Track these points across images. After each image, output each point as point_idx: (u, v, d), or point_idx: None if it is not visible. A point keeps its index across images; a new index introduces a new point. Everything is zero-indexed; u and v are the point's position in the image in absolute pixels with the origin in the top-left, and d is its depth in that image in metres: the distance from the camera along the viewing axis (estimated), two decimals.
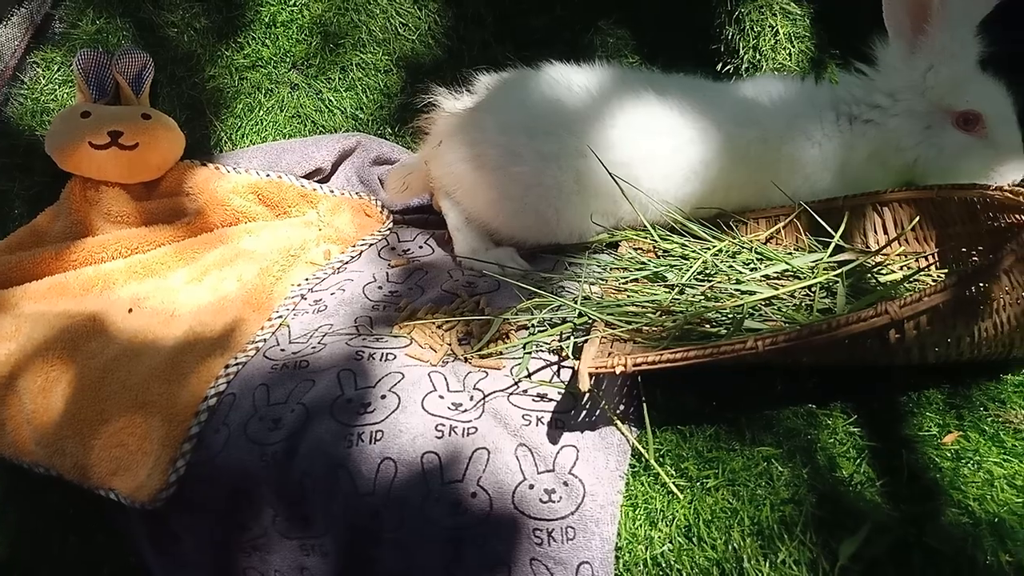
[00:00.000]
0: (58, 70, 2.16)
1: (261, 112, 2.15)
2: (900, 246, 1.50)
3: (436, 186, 1.84)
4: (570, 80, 1.71)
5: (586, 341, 1.31)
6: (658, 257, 1.60)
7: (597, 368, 1.17)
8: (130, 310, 1.69)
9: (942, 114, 1.56)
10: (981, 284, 1.14)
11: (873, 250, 1.46)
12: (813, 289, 1.37)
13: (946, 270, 1.46)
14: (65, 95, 2.14)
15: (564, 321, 1.44)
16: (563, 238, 1.73)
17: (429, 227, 1.98)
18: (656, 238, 1.58)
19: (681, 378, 1.27)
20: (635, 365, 1.16)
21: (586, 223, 1.70)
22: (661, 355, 1.15)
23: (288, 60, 2.19)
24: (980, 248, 1.43)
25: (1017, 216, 1.34)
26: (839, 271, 1.35)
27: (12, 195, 2.04)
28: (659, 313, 1.37)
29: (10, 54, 2.16)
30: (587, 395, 1.30)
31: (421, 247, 1.88)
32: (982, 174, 1.53)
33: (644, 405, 1.25)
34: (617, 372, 1.17)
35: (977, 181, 1.47)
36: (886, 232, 1.55)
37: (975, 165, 1.54)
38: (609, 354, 1.26)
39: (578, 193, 1.67)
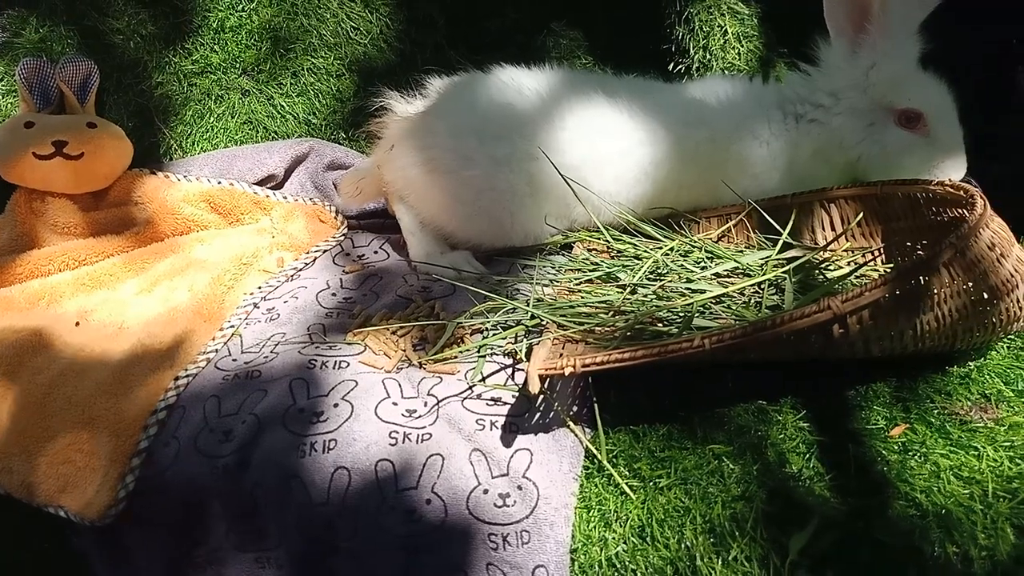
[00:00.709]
0: (0, 80, 2.11)
1: (211, 119, 2.13)
2: (847, 242, 1.52)
3: (389, 191, 1.83)
4: (520, 83, 1.71)
5: (537, 341, 1.31)
6: (612, 258, 1.61)
7: (546, 370, 1.17)
8: (77, 323, 1.66)
9: (884, 112, 1.58)
10: (922, 278, 1.16)
11: (820, 246, 1.48)
12: (762, 286, 1.38)
13: (891, 264, 1.48)
14: (8, 105, 2.09)
15: (518, 324, 1.44)
16: (518, 241, 1.73)
17: (385, 231, 1.97)
18: (609, 239, 1.59)
19: (633, 378, 1.28)
20: (584, 366, 1.16)
21: (540, 225, 1.70)
22: (610, 355, 1.15)
23: (238, 66, 2.16)
24: (924, 242, 1.45)
25: (958, 210, 1.37)
26: (787, 268, 1.36)
27: None
28: (611, 313, 1.37)
29: None
30: (539, 397, 1.30)
31: (376, 252, 1.87)
32: (924, 171, 1.56)
33: (596, 406, 1.25)
34: (566, 373, 1.17)
35: (920, 178, 1.50)
36: (833, 228, 1.57)
37: (917, 162, 1.56)
38: (560, 355, 1.26)
39: (531, 196, 1.67)
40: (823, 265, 1.42)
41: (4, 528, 1.52)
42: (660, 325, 1.34)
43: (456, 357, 1.43)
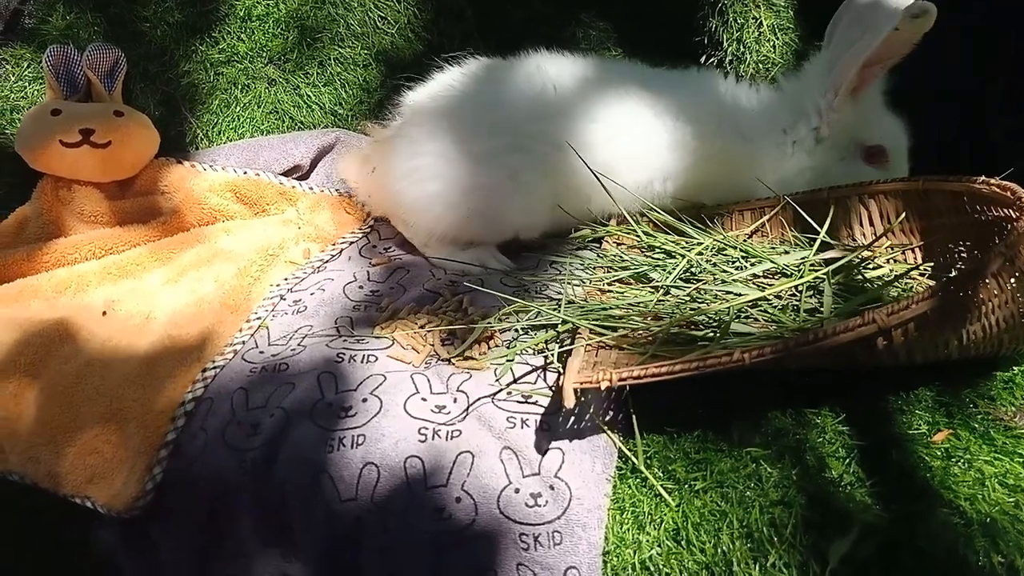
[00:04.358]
0: (28, 67, 2.11)
1: (238, 108, 2.11)
2: (888, 239, 1.48)
3: (386, 213, 1.83)
4: (495, 75, 1.70)
5: (570, 349, 1.28)
6: (642, 253, 1.58)
7: (581, 383, 1.15)
8: (104, 313, 1.65)
9: (855, 146, 1.65)
10: (969, 289, 1.12)
11: (860, 245, 1.44)
12: (799, 288, 1.35)
13: (932, 263, 1.45)
14: (35, 92, 2.09)
15: (549, 325, 1.41)
16: (523, 234, 1.71)
17: None
18: (640, 234, 1.56)
19: (667, 382, 1.25)
20: (620, 380, 1.14)
21: (535, 216, 1.68)
22: (646, 369, 1.13)
23: (265, 55, 2.14)
24: (967, 242, 1.41)
25: (1003, 209, 1.33)
26: (825, 270, 1.33)
27: None
28: (644, 317, 1.35)
29: None
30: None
31: (402, 244, 1.85)
32: None
33: (633, 416, 1.23)
34: (602, 388, 1.15)
35: None
36: (872, 224, 1.54)
37: None
38: (594, 364, 1.24)
39: (517, 190, 1.65)
40: (862, 265, 1.39)
41: (3, 528, 1.51)
42: (695, 330, 1.31)
43: (485, 357, 1.40)
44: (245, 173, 1.96)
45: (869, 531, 1.07)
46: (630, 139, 1.63)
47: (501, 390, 1.33)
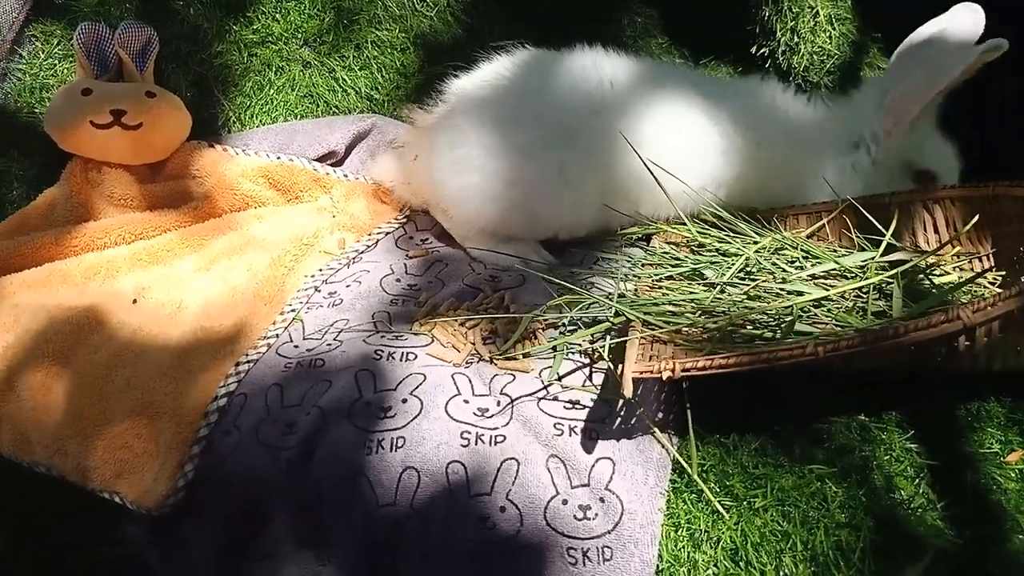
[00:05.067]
0: (58, 44, 2.06)
1: (271, 91, 2.05)
2: (953, 246, 1.41)
3: (426, 203, 1.77)
4: (543, 66, 1.64)
5: (623, 342, 1.22)
6: (693, 252, 1.52)
7: (642, 373, 1.09)
8: (134, 301, 1.60)
9: (903, 168, 1.61)
10: None
11: (929, 250, 1.37)
12: (864, 290, 1.28)
13: (1003, 272, 1.38)
14: (65, 70, 2.04)
15: (596, 321, 1.36)
16: (563, 234, 1.65)
17: None
18: (694, 232, 1.49)
19: (722, 388, 1.19)
20: (684, 370, 1.07)
21: (581, 215, 1.62)
22: (712, 359, 1.07)
23: (300, 36, 2.08)
24: None
25: None
26: (893, 272, 1.26)
27: (9, 176, 1.94)
28: (699, 313, 1.28)
29: (7, 26, 2.05)
30: (621, 402, 1.22)
31: (440, 236, 1.79)
32: None
33: (689, 414, 1.17)
34: (664, 378, 1.08)
35: None
36: (936, 230, 1.48)
37: None
38: (651, 357, 1.18)
39: (566, 185, 1.59)
40: (929, 270, 1.32)
41: (52, 512, 1.48)
42: (753, 328, 1.25)
43: (529, 354, 1.35)
44: (278, 158, 1.91)
45: (941, 557, 1.02)
46: (686, 142, 1.57)
47: (548, 385, 1.27)
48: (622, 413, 1.23)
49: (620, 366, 1.12)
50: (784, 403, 1.23)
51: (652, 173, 1.50)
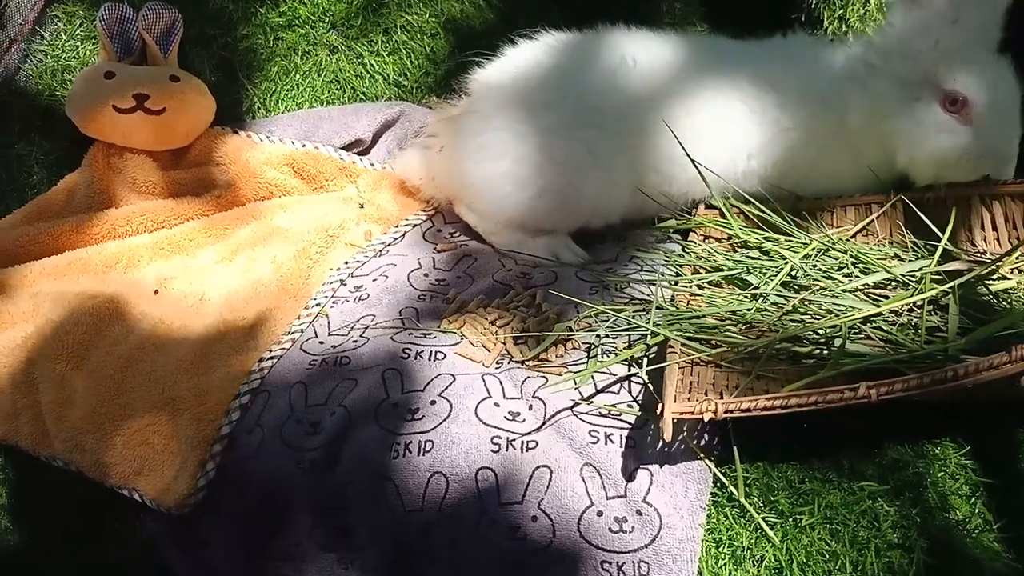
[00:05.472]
0: (80, 25, 2.02)
1: (297, 76, 2.01)
2: (1015, 256, 1.34)
3: (451, 197, 1.71)
4: (568, 46, 1.59)
5: (662, 367, 1.16)
6: (734, 249, 1.45)
7: (682, 414, 1.04)
8: (156, 291, 1.57)
9: (931, 89, 1.42)
10: None
11: (987, 259, 1.30)
12: (918, 304, 1.21)
13: None
14: (87, 53, 2.00)
15: (632, 329, 1.30)
16: (596, 220, 1.59)
17: None
18: (737, 230, 1.43)
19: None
20: (727, 412, 1.02)
21: (615, 197, 1.56)
22: (755, 401, 1.02)
23: (327, 20, 2.03)
24: None
25: None
26: (950, 284, 1.19)
27: (30, 160, 1.92)
28: (741, 327, 1.22)
29: (29, 7, 2.02)
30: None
31: (468, 230, 1.73)
32: (959, 160, 1.40)
33: (735, 449, 1.11)
34: (705, 419, 1.04)
35: (953, 170, 1.39)
36: (995, 229, 1.40)
37: (949, 148, 1.40)
38: (690, 386, 1.15)
39: (596, 165, 1.53)
40: (986, 276, 1.25)
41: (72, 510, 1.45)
42: (800, 346, 1.18)
43: (563, 366, 1.30)
44: (304, 146, 1.86)
45: None
46: (712, 115, 1.51)
47: (582, 401, 1.22)
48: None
49: (660, 405, 1.07)
50: (832, 415, 1.16)
51: (681, 144, 1.45)
